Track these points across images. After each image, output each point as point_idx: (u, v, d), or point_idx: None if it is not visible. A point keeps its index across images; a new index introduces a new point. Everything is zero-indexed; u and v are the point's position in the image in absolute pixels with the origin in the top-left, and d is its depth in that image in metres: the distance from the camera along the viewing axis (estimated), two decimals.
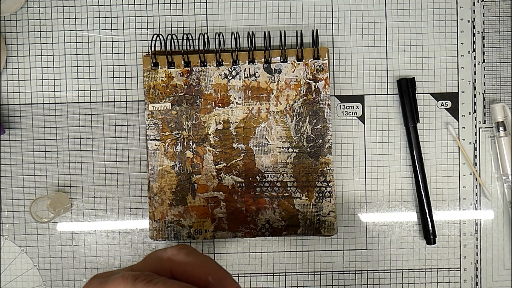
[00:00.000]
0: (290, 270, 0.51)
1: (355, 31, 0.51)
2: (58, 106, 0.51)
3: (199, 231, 0.49)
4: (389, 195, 0.51)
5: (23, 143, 0.51)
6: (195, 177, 0.49)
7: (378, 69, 0.51)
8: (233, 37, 0.49)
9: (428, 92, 0.51)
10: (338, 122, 0.51)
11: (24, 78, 0.51)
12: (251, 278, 0.51)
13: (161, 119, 0.49)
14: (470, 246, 0.51)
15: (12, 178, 0.51)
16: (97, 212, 0.51)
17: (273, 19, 0.51)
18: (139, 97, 0.51)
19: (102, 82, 0.51)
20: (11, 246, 0.51)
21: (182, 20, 0.51)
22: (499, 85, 0.51)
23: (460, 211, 0.51)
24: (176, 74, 0.49)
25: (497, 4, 0.51)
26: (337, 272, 0.51)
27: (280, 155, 0.49)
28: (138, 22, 0.51)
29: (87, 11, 0.51)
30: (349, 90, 0.51)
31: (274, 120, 0.49)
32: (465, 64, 0.51)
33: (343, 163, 0.51)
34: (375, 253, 0.51)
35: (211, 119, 0.49)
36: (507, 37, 0.51)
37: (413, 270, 0.51)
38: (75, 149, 0.51)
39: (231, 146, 0.49)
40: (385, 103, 0.51)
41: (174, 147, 0.49)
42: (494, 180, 0.51)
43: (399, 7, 0.51)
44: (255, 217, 0.49)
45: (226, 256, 0.51)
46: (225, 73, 0.49)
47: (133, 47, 0.51)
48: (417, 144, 0.50)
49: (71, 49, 0.51)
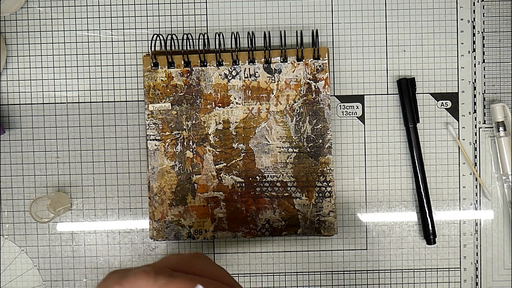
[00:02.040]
0: (290, 270, 0.51)
1: (355, 31, 0.51)
2: (58, 106, 0.51)
3: (199, 231, 0.49)
4: (389, 195, 0.51)
5: (23, 143, 0.51)
6: (195, 177, 0.49)
7: (378, 69, 0.51)
8: (233, 37, 0.49)
9: (428, 92, 0.51)
10: (338, 122, 0.51)
11: (24, 78, 0.51)
12: (251, 278, 0.51)
13: (161, 119, 0.49)
14: (470, 246, 0.51)
15: (12, 178, 0.51)
16: (97, 212, 0.51)
17: (273, 19, 0.51)
18: (139, 97, 0.51)
19: (102, 82, 0.51)
20: (11, 246, 0.51)
21: (182, 20, 0.51)
22: (499, 85, 0.51)
23: (460, 211, 0.51)
24: (176, 74, 0.49)
25: (497, 4, 0.51)
26: (337, 272, 0.51)
27: (280, 155, 0.49)
28: (138, 22, 0.51)
29: (87, 11, 0.51)
30: (349, 90, 0.51)
31: (274, 120, 0.49)
32: (465, 64, 0.51)
33: (343, 163, 0.51)
34: (375, 253, 0.51)
35: (211, 119, 0.49)
36: (507, 37, 0.51)
37: (413, 270, 0.51)
38: (75, 149, 0.51)
39: (231, 146, 0.49)
40: (385, 103, 0.51)
41: (174, 147, 0.49)
42: (494, 180, 0.51)
43: (399, 7, 0.51)
44: (255, 217, 0.49)
45: (226, 256, 0.51)
46: (225, 73, 0.49)
47: (133, 47, 0.51)
48: (417, 144, 0.50)
49: (71, 49, 0.51)
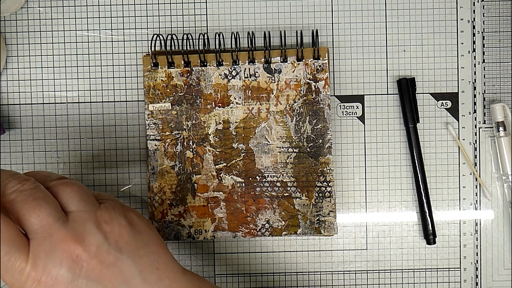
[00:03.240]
0: (290, 270, 0.51)
1: (355, 31, 0.51)
2: (58, 106, 0.51)
3: (199, 231, 0.49)
4: (389, 195, 0.51)
5: (23, 143, 0.51)
6: (195, 177, 0.49)
7: (378, 69, 0.51)
8: (233, 37, 0.49)
9: (428, 92, 0.51)
10: (338, 122, 0.51)
11: (24, 78, 0.51)
12: (251, 278, 0.51)
13: (161, 119, 0.49)
14: (470, 246, 0.51)
15: None
16: None
17: (273, 19, 0.51)
18: (139, 97, 0.51)
19: (102, 82, 0.51)
20: None
21: (182, 20, 0.51)
22: (499, 85, 0.51)
23: (460, 211, 0.51)
24: (176, 74, 0.49)
25: (497, 4, 0.51)
26: (337, 272, 0.51)
27: (280, 155, 0.49)
28: (138, 22, 0.51)
29: (87, 11, 0.51)
30: (349, 90, 0.51)
31: (274, 120, 0.49)
32: (465, 64, 0.51)
33: (343, 163, 0.51)
34: (375, 253, 0.51)
35: (211, 119, 0.49)
36: (507, 37, 0.51)
37: (413, 270, 0.51)
38: (75, 149, 0.51)
39: (231, 146, 0.49)
40: (385, 103, 0.51)
41: (174, 147, 0.49)
42: (494, 180, 0.51)
43: (399, 7, 0.51)
44: (255, 217, 0.49)
45: (226, 256, 0.51)
46: (225, 73, 0.49)
47: (133, 47, 0.51)
48: (417, 144, 0.50)
49: (71, 49, 0.51)
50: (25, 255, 0.33)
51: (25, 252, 0.33)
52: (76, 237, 0.34)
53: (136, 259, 0.35)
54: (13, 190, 0.34)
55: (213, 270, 0.51)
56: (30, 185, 0.35)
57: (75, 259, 0.34)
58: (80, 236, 0.34)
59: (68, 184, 0.37)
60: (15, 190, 0.34)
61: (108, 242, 0.35)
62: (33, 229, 0.34)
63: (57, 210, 0.35)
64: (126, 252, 0.35)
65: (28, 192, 0.34)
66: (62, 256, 0.33)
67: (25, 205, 0.34)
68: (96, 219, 0.36)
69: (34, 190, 0.35)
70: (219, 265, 0.51)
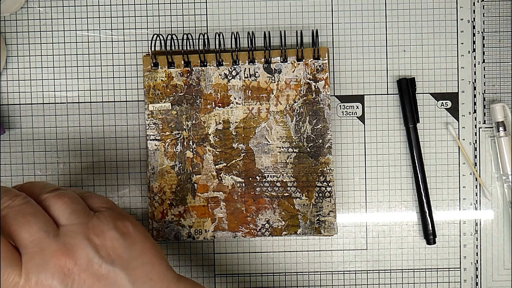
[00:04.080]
0: (290, 270, 0.51)
1: (355, 31, 0.51)
2: (58, 106, 0.51)
3: (199, 231, 0.49)
4: (389, 195, 0.51)
5: (23, 143, 0.51)
6: (195, 177, 0.49)
7: (378, 69, 0.51)
8: (233, 37, 0.49)
9: (428, 92, 0.51)
10: (338, 122, 0.51)
11: (24, 78, 0.51)
12: (251, 278, 0.51)
13: (161, 119, 0.49)
14: (470, 246, 0.51)
15: (12, 178, 0.51)
16: None
17: (273, 19, 0.51)
18: (139, 97, 0.51)
19: (102, 82, 0.51)
20: None
21: (182, 20, 0.51)
22: (499, 85, 0.51)
23: (460, 211, 0.51)
24: (176, 74, 0.49)
25: (497, 4, 0.51)
26: (337, 272, 0.51)
27: (280, 155, 0.49)
28: (138, 22, 0.51)
29: (87, 11, 0.51)
30: (349, 90, 0.51)
31: (274, 120, 0.49)
32: (465, 64, 0.51)
33: (343, 163, 0.51)
34: (375, 253, 0.51)
35: (211, 119, 0.49)
36: (507, 37, 0.51)
37: (413, 270, 0.51)
38: (75, 149, 0.51)
39: (231, 146, 0.49)
40: (385, 103, 0.51)
41: (174, 147, 0.49)
42: (494, 180, 0.51)
43: (399, 7, 0.51)
44: (255, 217, 0.49)
45: (226, 256, 0.51)
46: (225, 73, 0.49)
47: (133, 47, 0.51)
48: (417, 144, 0.50)
49: (71, 49, 0.51)
50: (18, 270, 0.34)
51: (18, 267, 0.34)
52: (66, 250, 0.35)
53: (128, 271, 0.36)
54: (4, 207, 0.35)
55: (213, 270, 0.51)
56: (20, 201, 0.35)
57: (66, 272, 0.34)
58: (70, 249, 0.35)
59: (60, 197, 0.37)
60: (6, 206, 0.35)
61: (100, 255, 0.35)
62: (24, 244, 0.34)
63: (47, 224, 0.35)
64: (118, 264, 0.36)
65: (18, 208, 0.35)
66: (54, 269, 0.34)
67: (15, 221, 0.34)
68: (87, 232, 0.36)
69: (24, 206, 0.35)
70: (219, 265, 0.51)
